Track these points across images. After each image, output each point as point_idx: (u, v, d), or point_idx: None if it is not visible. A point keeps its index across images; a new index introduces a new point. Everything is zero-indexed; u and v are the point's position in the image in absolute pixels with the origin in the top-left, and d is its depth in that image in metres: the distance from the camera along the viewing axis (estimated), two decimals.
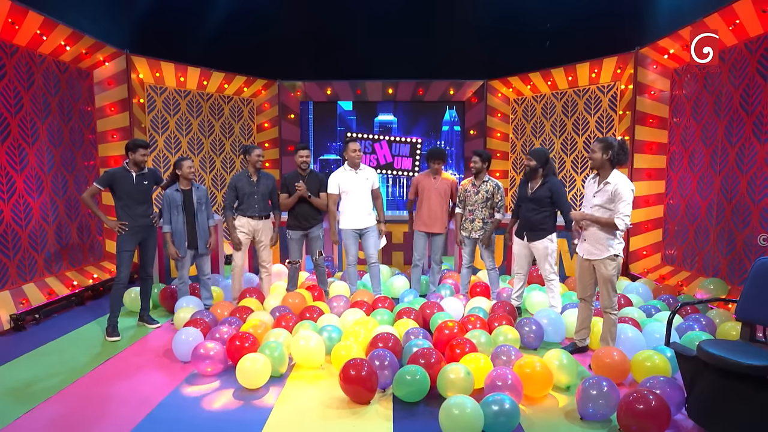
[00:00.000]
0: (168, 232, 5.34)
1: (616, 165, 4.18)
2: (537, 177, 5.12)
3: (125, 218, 5.10)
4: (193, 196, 5.42)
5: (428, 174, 5.94)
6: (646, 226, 7.12)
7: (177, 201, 5.34)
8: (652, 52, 6.76)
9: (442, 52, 9.28)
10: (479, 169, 5.63)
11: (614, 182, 4.09)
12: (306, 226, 5.78)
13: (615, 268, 4.20)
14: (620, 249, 4.19)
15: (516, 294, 5.43)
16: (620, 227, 4.06)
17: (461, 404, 3.19)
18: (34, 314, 5.45)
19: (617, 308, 4.31)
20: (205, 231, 5.52)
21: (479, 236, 5.68)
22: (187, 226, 5.40)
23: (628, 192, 4.04)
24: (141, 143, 5.17)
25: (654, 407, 3.09)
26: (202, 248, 5.51)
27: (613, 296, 4.23)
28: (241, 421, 3.46)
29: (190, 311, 5.16)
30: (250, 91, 9.08)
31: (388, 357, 3.86)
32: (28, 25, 5.48)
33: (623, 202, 4.02)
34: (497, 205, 5.64)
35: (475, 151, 5.76)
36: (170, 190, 5.38)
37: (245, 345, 4.19)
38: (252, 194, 5.60)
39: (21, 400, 3.72)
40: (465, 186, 5.76)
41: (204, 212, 5.51)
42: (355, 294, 5.75)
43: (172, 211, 5.34)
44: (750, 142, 5.34)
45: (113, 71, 7.10)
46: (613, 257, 4.18)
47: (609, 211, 4.10)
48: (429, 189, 5.86)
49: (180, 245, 5.38)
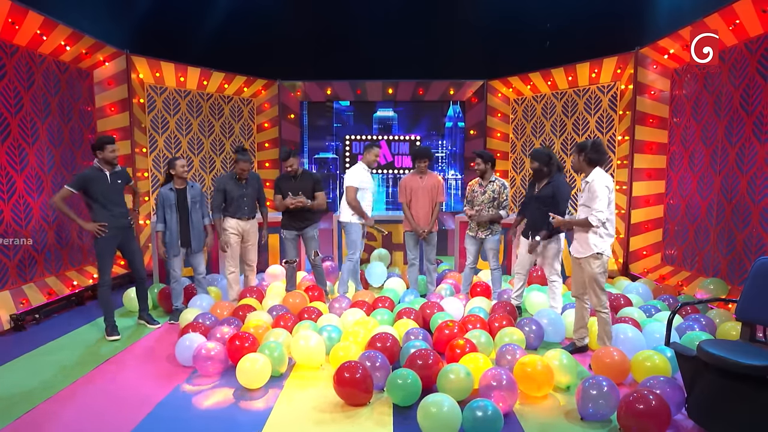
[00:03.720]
0: (160, 231, 5.36)
1: (597, 165, 4.24)
2: (543, 177, 5.11)
3: (104, 220, 4.94)
4: (187, 195, 5.44)
5: (415, 174, 5.97)
6: (646, 226, 7.12)
7: (171, 200, 5.36)
8: (652, 52, 6.76)
9: (442, 52, 9.27)
10: (483, 170, 5.61)
11: (591, 179, 4.20)
12: (300, 226, 5.79)
13: (599, 266, 4.21)
14: (605, 247, 4.20)
15: (516, 294, 5.44)
16: (593, 223, 4.13)
17: (438, 402, 3.20)
18: (34, 314, 5.45)
19: (607, 306, 4.29)
20: (199, 230, 5.54)
21: (486, 236, 5.67)
22: (180, 224, 5.42)
23: (601, 188, 4.11)
24: (107, 140, 4.97)
25: (654, 407, 3.09)
26: (196, 247, 5.52)
27: (600, 294, 4.24)
28: (241, 421, 3.46)
29: (195, 312, 5.14)
30: (250, 91, 9.07)
31: (380, 359, 3.85)
32: (28, 25, 5.48)
33: (597, 199, 4.12)
34: (502, 204, 5.63)
35: (475, 152, 5.74)
36: (164, 189, 5.40)
37: (245, 345, 4.19)
38: (241, 196, 5.59)
39: (21, 400, 3.72)
40: (472, 186, 5.75)
41: (199, 211, 5.53)
42: (356, 294, 5.75)
43: (166, 209, 5.36)
44: (750, 142, 5.34)
45: (113, 71, 7.10)
46: (597, 255, 4.20)
47: (588, 209, 4.19)
48: (416, 189, 5.89)
49: (173, 244, 5.41)
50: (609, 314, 4.31)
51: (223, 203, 5.58)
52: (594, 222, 4.13)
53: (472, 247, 5.78)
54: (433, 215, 5.89)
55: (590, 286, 4.27)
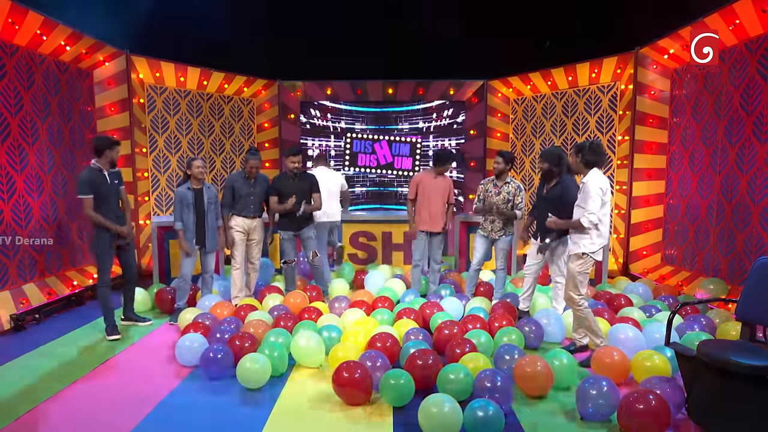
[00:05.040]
0: (180, 229, 5.39)
1: (594, 166, 4.22)
2: (552, 177, 5.01)
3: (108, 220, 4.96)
4: (203, 196, 5.47)
5: (429, 173, 5.94)
6: (646, 226, 7.12)
7: (188, 199, 5.41)
8: (652, 52, 6.77)
9: (442, 52, 9.27)
10: (502, 170, 5.58)
11: (586, 180, 4.20)
12: (297, 227, 5.81)
13: (581, 265, 4.24)
14: (592, 248, 4.21)
15: (524, 295, 5.32)
16: (584, 224, 4.15)
17: (439, 403, 3.19)
18: (34, 314, 5.45)
19: (582, 303, 4.28)
20: (213, 230, 5.59)
21: (499, 237, 5.64)
22: (196, 224, 5.46)
23: (595, 189, 4.12)
24: (116, 141, 5.06)
25: (654, 407, 3.09)
26: (210, 246, 5.57)
27: (572, 292, 4.25)
28: (241, 421, 3.46)
29: (195, 312, 5.14)
30: (250, 91, 9.08)
31: (380, 359, 3.85)
32: (28, 25, 5.48)
33: (590, 199, 4.12)
34: (517, 206, 5.59)
35: (499, 152, 5.69)
36: (182, 188, 5.46)
37: (245, 345, 4.19)
38: (249, 195, 5.66)
39: (21, 400, 3.72)
40: (486, 185, 5.69)
41: (213, 212, 5.57)
42: (355, 294, 5.76)
43: (183, 209, 5.40)
44: (750, 142, 5.34)
45: (113, 71, 7.10)
46: (580, 255, 4.22)
47: (583, 209, 4.20)
48: (430, 188, 5.85)
49: (189, 243, 5.44)
50: (585, 310, 4.30)
51: (232, 200, 5.66)
52: (585, 224, 4.15)
53: (482, 248, 5.70)
54: (447, 215, 5.92)
55: (568, 281, 4.31)
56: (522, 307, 5.30)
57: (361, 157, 9.41)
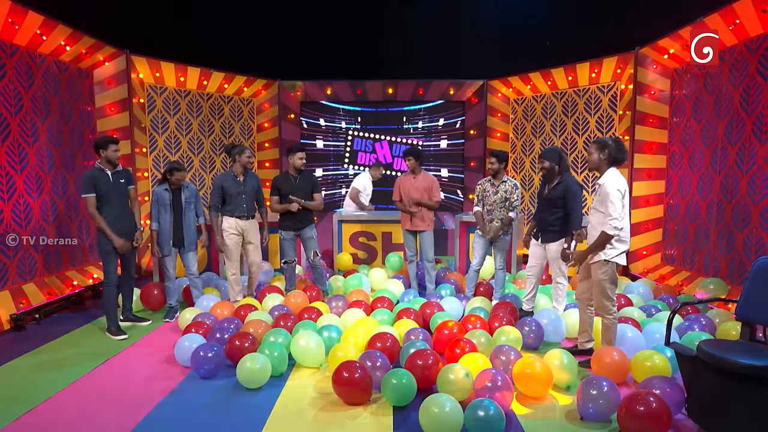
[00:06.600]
0: (155, 230, 5.38)
1: (615, 164, 4.09)
2: (554, 177, 4.97)
3: (109, 218, 4.93)
4: (181, 195, 5.46)
5: (408, 174, 6.12)
6: (646, 226, 7.12)
7: (165, 200, 5.39)
8: (652, 52, 6.76)
9: (442, 52, 9.27)
10: (497, 169, 5.62)
11: (603, 181, 4.03)
12: (298, 226, 5.80)
13: (605, 273, 4.08)
14: (614, 255, 4.04)
15: (527, 296, 5.29)
16: (609, 233, 3.94)
17: (440, 403, 3.19)
18: (34, 314, 5.45)
19: (613, 313, 4.15)
20: (192, 230, 5.56)
21: (497, 237, 5.64)
22: (174, 224, 5.45)
23: (614, 192, 3.91)
24: (112, 139, 5.01)
25: (654, 408, 3.09)
26: (188, 245, 5.56)
27: (604, 300, 4.11)
28: (240, 421, 3.46)
29: (195, 312, 5.14)
30: (250, 91, 9.07)
31: (380, 359, 3.85)
32: (28, 25, 5.48)
33: (609, 204, 3.92)
34: (513, 204, 5.61)
35: (492, 152, 5.73)
36: (159, 189, 5.44)
37: (245, 345, 4.19)
38: (239, 194, 5.53)
39: (21, 400, 3.72)
40: (483, 185, 5.75)
41: (192, 211, 5.56)
42: (351, 294, 5.75)
43: (159, 209, 5.39)
44: (750, 142, 5.34)
45: (113, 71, 7.10)
46: (604, 262, 4.07)
47: (601, 213, 4.04)
48: (409, 188, 6.04)
49: (164, 243, 5.44)
50: (615, 321, 4.17)
51: (221, 201, 5.55)
52: (611, 232, 3.93)
53: (481, 249, 5.72)
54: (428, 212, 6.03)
55: (596, 290, 4.18)
56: (525, 308, 5.29)
57: (360, 155, 9.41)
